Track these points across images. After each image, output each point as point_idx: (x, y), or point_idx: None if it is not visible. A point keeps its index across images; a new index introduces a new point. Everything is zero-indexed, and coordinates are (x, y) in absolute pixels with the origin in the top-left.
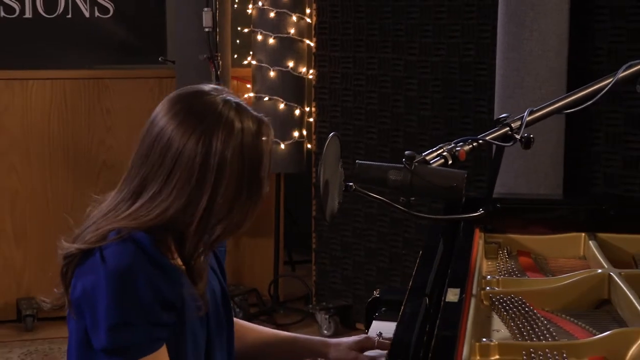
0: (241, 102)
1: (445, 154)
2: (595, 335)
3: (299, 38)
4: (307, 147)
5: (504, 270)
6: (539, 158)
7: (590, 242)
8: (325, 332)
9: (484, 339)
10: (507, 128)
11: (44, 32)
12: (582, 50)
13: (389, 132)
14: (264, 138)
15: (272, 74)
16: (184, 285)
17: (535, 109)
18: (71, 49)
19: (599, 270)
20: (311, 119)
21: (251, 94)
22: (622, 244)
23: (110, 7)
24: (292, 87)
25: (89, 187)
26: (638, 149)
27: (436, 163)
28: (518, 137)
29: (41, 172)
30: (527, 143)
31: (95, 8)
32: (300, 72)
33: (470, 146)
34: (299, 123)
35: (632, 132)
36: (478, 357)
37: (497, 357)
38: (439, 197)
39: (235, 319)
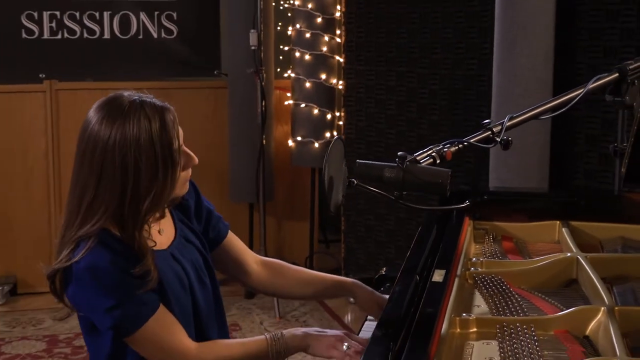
0: (145, 98)
1: (433, 154)
2: (562, 311)
3: (331, 55)
4: None
5: (488, 253)
6: (529, 156)
7: (563, 229)
8: (351, 299)
9: (464, 314)
10: (489, 132)
11: (119, 51)
12: (565, 64)
13: (404, 134)
14: (168, 122)
15: (307, 84)
16: (151, 257)
17: (515, 114)
18: (142, 64)
19: (569, 254)
20: (340, 122)
21: (290, 102)
22: (591, 230)
23: (174, 29)
24: (325, 96)
25: None
26: None
27: (425, 162)
28: (498, 139)
29: None
30: (505, 145)
31: (162, 30)
32: (332, 83)
33: (456, 147)
34: (330, 125)
35: (607, 134)
36: (458, 330)
37: (475, 329)
38: (427, 191)
39: (279, 261)
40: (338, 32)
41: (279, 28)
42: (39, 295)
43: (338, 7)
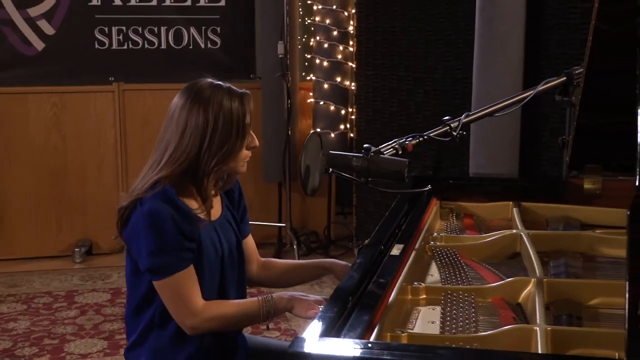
0: (229, 85)
1: (396, 146)
2: (503, 280)
3: (345, 61)
4: (350, 136)
5: (450, 229)
6: (501, 146)
7: (514, 209)
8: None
9: (415, 283)
10: (447, 127)
11: (173, 58)
12: (534, 70)
13: (404, 127)
14: (245, 101)
15: (326, 86)
16: (200, 224)
17: (471, 112)
18: (191, 69)
19: (514, 231)
20: (352, 117)
21: (312, 100)
22: (539, 210)
23: (218, 40)
24: (340, 95)
25: None
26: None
27: (389, 153)
28: (455, 134)
29: None
30: (460, 139)
31: (208, 42)
32: (345, 85)
33: (417, 140)
34: (344, 119)
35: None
36: (409, 297)
37: (424, 296)
38: (388, 178)
39: (269, 258)
40: (351, 43)
41: (303, 39)
42: (108, 256)
43: (351, 22)
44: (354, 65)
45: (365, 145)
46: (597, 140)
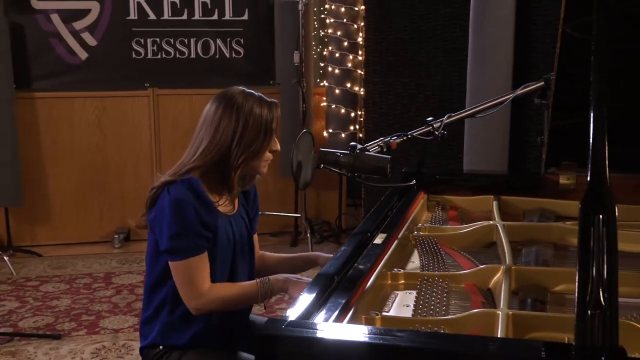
0: (260, 94)
1: (381, 144)
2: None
3: (354, 69)
4: (359, 136)
5: (434, 220)
6: (492, 145)
7: (494, 202)
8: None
9: (395, 269)
10: (430, 127)
11: (202, 66)
12: (522, 77)
13: (407, 127)
14: (273, 109)
15: (337, 91)
16: (218, 216)
17: (452, 114)
18: (217, 76)
19: (491, 222)
20: (361, 119)
21: (325, 104)
22: (518, 203)
23: (241, 50)
24: (350, 99)
25: None
26: None
27: (374, 151)
28: (437, 133)
29: None
30: (442, 138)
31: (232, 51)
32: (355, 90)
33: (401, 139)
34: (354, 121)
35: None
36: (389, 282)
37: (403, 281)
38: (372, 173)
39: (263, 252)
40: (360, 52)
41: (317, 49)
42: (143, 242)
43: (360, 34)
44: (362, 73)
45: (352, 144)
46: (571, 139)
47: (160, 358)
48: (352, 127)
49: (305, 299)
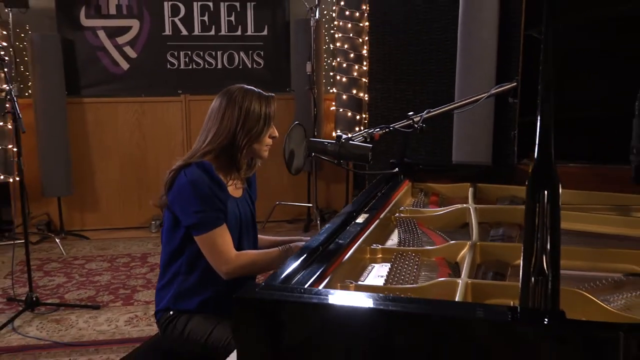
0: (259, 90)
1: (365, 135)
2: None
3: (359, 78)
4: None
5: (416, 204)
6: (478, 139)
7: (470, 189)
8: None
9: (374, 245)
10: (410, 120)
11: (227, 75)
12: (503, 80)
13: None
14: (270, 100)
15: (344, 97)
16: (227, 196)
17: (432, 110)
18: (240, 84)
19: (465, 205)
20: (365, 121)
21: (334, 108)
22: (492, 190)
23: (261, 62)
24: (355, 104)
25: None
26: None
27: (358, 141)
28: (417, 126)
29: None
30: (421, 131)
31: (254, 62)
32: (360, 96)
33: (384, 131)
34: (359, 123)
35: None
36: (368, 255)
37: (380, 255)
38: (356, 160)
39: (260, 236)
40: (364, 63)
41: (328, 60)
42: None
43: (365, 47)
44: (366, 81)
45: (337, 134)
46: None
47: (171, 321)
48: (357, 129)
49: (286, 267)
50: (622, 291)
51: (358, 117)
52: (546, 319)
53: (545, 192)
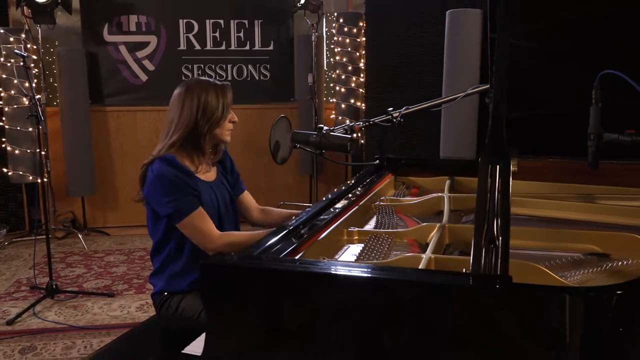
0: (215, 80)
1: (346, 127)
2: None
3: (357, 88)
4: (360, 142)
5: (397, 195)
6: (464, 135)
7: (447, 181)
8: None
9: (351, 227)
10: (389, 116)
11: (237, 87)
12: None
13: (397, 135)
14: (226, 88)
15: (343, 106)
16: (198, 181)
17: (411, 106)
18: (249, 95)
19: (441, 194)
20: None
21: (333, 116)
22: (468, 182)
23: (268, 74)
24: (353, 113)
25: (258, 157)
26: None
27: (339, 132)
28: (395, 121)
29: (245, 156)
30: (399, 125)
31: (261, 75)
32: (357, 105)
33: (364, 124)
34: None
35: None
36: (345, 237)
37: (357, 237)
38: (337, 150)
39: (268, 207)
40: (361, 75)
41: (328, 72)
42: None
43: (362, 60)
44: (363, 91)
45: (319, 126)
46: (512, 130)
47: (166, 301)
48: (354, 135)
49: (262, 242)
50: (579, 268)
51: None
52: (496, 284)
53: (497, 165)
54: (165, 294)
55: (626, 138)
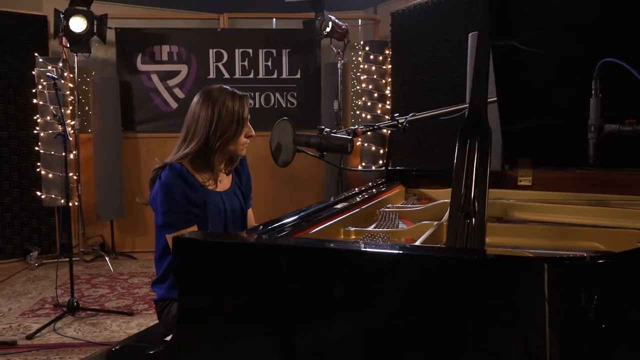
0: (233, 89)
1: (349, 131)
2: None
3: (382, 115)
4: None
5: (406, 204)
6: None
7: None
8: None
9: (349, 227)
10: (395, 121)
11: (264, 114)
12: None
13: (422, 160)
14: (244, 101)
15: (369, 133)
16: (206, 193)
17: (418, 113)
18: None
19: (446, 200)
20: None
21: (359, 143)
22: None
23: (295, 102)
24: (379, 139)
25: (284, 183)
26: None
27: (340, 134)
28: (400, 126)
29: (271, 182)
30: (404, 129)
31: (288, 102)
32: (383, 132)
33: (367, 129)
34: (382, 156)
35: None
36: (342, 236)
37: (354, 237)
38: (336, 151)
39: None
40: (387, 102)
41: (354, 99)
42: None
43: (388, 88)
44: (388, 118)
45: (319, 127)
46: (523, 140)
47: (166, 307)
48: (380, 161)
49: (254, 230)
50: None
51: (381, 150)
52: (474, 255)
53: (476, 140)
54: (166, 300)
55: (627, 128)
